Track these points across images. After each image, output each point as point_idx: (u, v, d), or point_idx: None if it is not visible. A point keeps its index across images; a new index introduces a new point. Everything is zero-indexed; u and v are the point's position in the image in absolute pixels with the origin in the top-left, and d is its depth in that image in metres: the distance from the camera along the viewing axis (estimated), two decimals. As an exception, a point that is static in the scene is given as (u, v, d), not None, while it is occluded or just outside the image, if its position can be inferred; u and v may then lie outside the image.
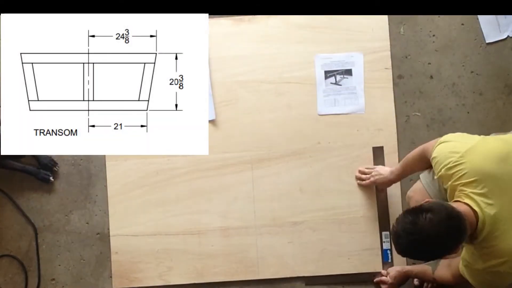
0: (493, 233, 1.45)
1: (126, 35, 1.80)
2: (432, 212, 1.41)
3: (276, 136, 2.13)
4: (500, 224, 1.44)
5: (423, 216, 1.40)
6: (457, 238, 1.43)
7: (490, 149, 1.53)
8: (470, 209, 1.45)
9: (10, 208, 2.15)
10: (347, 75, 2.11)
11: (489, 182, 1.46)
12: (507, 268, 1.48)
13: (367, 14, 1.84)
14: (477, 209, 1.45)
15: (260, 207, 2.10)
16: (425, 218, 1.40)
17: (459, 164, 1.51)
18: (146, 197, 2.12)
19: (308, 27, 2.16)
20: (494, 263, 1.48)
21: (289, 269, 2.08)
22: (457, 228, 1.41)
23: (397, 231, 1.45)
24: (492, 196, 1.45)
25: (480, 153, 1.51)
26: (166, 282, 2.10)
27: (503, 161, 1.49)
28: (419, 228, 1.40)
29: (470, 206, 1.45)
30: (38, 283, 2.13)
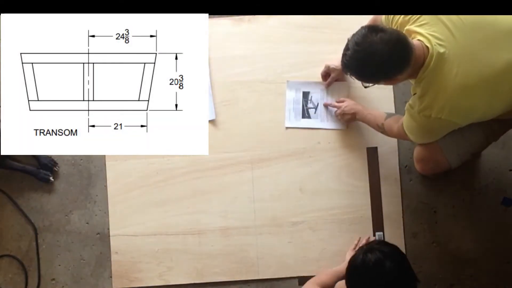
0: (436, 70, 1.49)
1: (126, 35, 1.80)
2: (385, 32, 1.47)
3: (276, 136, 2.13)
4: (446, 64, 1.48)
5: (376, 34, 1.46)
6: (398, 62, 1.48)
7: None
8: (421, 45, 1.50)
9: (10, 208, 2.15)
10: None
11: (441, 26, 1.50)
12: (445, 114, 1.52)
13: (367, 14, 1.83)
14: (429, 45, 1.49)
15: (260, 207, 2.10)
16: (376, 35, 1.46)
17: None
18: (146, 197, 2.12)
19: (308, 27, 2.16)
20: (430, 101, 1.53)
21: (289, 269, 2.08)
22: (402, 52, 1.46)
23: (348, 43, 1.51)
24: (443, 38, 1.49)
25: None
26: (166, 282, 2.10)
27: None
28: (368, 42, 1.46)
29: (422, 43, 1.50)
30: (38, 283, 2.13)
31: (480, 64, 1.49)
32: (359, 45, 1.47)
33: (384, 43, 1.44)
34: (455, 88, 1.49)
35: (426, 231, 2.08)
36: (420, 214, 2.09)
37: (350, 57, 1.50)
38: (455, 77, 1.48)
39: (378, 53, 1.44)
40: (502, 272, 2.06)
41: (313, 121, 2.12)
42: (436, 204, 2.09)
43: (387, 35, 1.46)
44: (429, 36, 1.50)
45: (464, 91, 1.49)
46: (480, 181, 2.08)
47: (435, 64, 1.48)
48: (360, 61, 1.49)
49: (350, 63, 1.52)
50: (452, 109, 1.52)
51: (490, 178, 2.08)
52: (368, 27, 1.50)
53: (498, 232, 2.07)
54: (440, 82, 1.50)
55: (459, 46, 1.49)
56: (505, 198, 2.06)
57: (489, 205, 2.08)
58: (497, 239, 2.07)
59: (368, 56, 1.46)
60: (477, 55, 1.49)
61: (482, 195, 2.08)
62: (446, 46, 1.48)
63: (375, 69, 1.49)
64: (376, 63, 1.46)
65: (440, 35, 1.49)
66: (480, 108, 1.55)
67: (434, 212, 2.09)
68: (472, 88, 1.49)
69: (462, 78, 1.48)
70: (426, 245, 2.08)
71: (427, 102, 1.54)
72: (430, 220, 2.08)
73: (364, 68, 1.50)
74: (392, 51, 1.45)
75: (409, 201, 2.10)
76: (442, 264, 2.07)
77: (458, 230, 2.08)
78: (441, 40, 1.49)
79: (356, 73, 1.55)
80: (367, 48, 1.46)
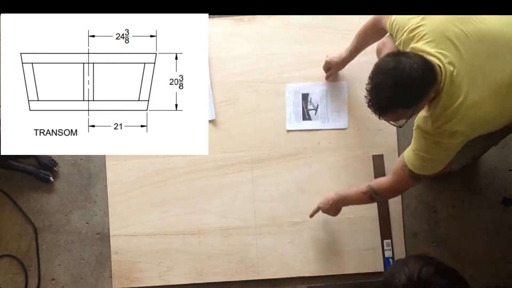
0: (449, 90, 1.47)
1: (126, 35, 1.80)
2: (409, 56, 1.42)
3: (276, 136, 2.13)
4: (456, 83, 1.47)
5: (403, 57, 1.41)
6: (431, 81, 1.44)
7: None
8: (436, 64, 1.47)
9: (10, 208, 2.15)
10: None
11: (447, 43, 1.48)
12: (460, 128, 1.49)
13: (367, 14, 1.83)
14: (440, 64, 1.46)
15: (260, 207, 2.10)
16: (406, 58, 1.41)
17: (420, 25, 1.53)
18: (146, 197, 2.12)
19: (308, 27, 2.16)
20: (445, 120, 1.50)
21: (289, 269, 2.08)
22: (431, 72, 1.43)
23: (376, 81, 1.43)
24: (451, 56, 1.47)
25: (439, 16, 1.53)
26: (166, 282, 2.10)
27: (463, 23, 1.50)
28: (401, 63, 1.39)
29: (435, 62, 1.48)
30: (38, 283, 2.13)
31: (489, 78, 1.48)
32: (395, 69, 1.40)
33: (415, 65, 1.39)
34: (467, 105, 1.47)
35: (426, 231, 2.08)
36: (420, 214, 2.09)
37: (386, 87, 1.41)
38: (466, 95, 1.46)
39: (413, 76, 1.38)
40: (502, 272, 2.06)
41: (314, 123, 2.12)
42: (436, 204, 2.09)
43: (413, 58, 1.41)
44: (439, 55, 1.47)
45: (476, 106, 1.48)
46: (480, 181, 2.08)
47: (448, 84, 1.47)
48: (393, 82, 1.40)
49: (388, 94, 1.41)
50: (466, 124, 1.50)
51: (490, 178, 2.08)
52: (391, 55, 1.45)
53: (498, 232, 2.07)
54: (452, 101, 1.47)
55: (467, 63, 1.47)
56: (505, 198, 2.06)
57: (489, 205, 2.08)
58: (497, 239, 2.07)
59: (404, 82, 1.39)
60: (484, 70, 1.48)
61: (482, 195, 2.08)
62: (455, 64, 1.47)
63: (414, 94, 1.42)
64: (412, 89, 1.40)
65: (448, 53, 1.47)
66: (492, 120, 1.55)
67: (434, 212, 2.09)
68: (483, 103, 1.48)
69: (473, 94, 1.47)
70: (426, 245, 2.08)
71: (442, 121, 1.50)
72: (430, 220, 2.08)
73: (398, 88, 1.40)
74: (424, 72, 1.40)
75: (409, 201, 2.10)
76: (442, 264, 2.07)
77: (458, 230, 2.08)
78: (449, 58, 1.47)
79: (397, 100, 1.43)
80: (403, 73, 1.39)
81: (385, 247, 2.06)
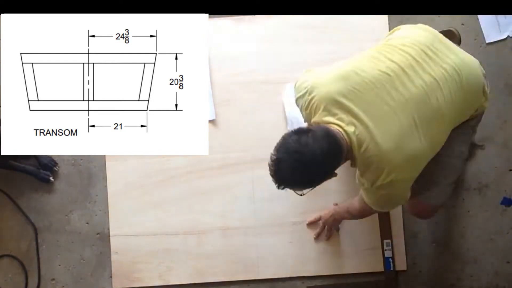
0: (359, 148, 1.45)
1: (126, 35, 1.80)
2: (312, 131, 1.41)
3: (276, 136, 2.12)
4: (362, 138, 1.44)
5: (306, 135, 1.40)
6: (337, 154, 1.43)
7: (330, 73, 1.53)
8: (338, 130, 1.45)
9: (10, 208, 2.15)
10: None
11: (339, 105, 1.47)
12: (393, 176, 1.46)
13: (367, 14, 1.84)
14: (341, 130, 1.45)
15: (260, 207, 2.10)
16: (307, 136, 1.39)
17: (311, 99, 1.52)
18: (146, 197, 2.12)
19: (308, 27, 2.16)
20: (372, 175, 1.49)
21: (289, 269, 2.08)
22: (336, 143, 1.41)
23: (279, 156, 1.41)
24: (346, 117, 1.45)
25: (322, 82, 1.52)
26: (166, 282, 2.10)
27: (344, 79, 1.49)
28: (304, 145, 1.38)
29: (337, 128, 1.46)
30: (38, 283, 2.13)
31: (392, 116, 1.45)
32: (297, 152, 1.38)
33: (319, 141, 1.38)
34: (384, 153, 1.44)
35: (426, 231, 2.08)
36: (420, 214, 2.09)
37: (288, 168, 1.39)
38: (378, 145, 1.44)
39: (317, 153, 1.37)
40: (502, 272, 2.06)
41: None
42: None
43: (317, 132, 1.40)
44: (337, 121, 1.46)
45: (395, 150, 1.45)
46: (480, 181, 2.08)
47: (356, 143, 1.44)
48: (300, 170, 1.39)
49: (289, 175, 1.41)
50: (396, 169, 1.47)
51: (490, 178, 2.08)
52: (295, 132, 1.43)
53: (498, 232, 2.07)
54: (369, 158, 1.45)
55: (364, 115, 1.45)
56: (505, 198, 2.06)
57: (489, 205, 2.08)
58: (497, 239, 2.07)
59: (308, 161, 1.38)
60: (383, 111, 1.45)
61: (482, 195, 2.08)
62: (354, 122, 1.45)
63: (320, 171, 1.43)
64: (319, 166, 1.40)
65: (343, 115, 1.46)
66: (420, 153, 1.49)
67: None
68: (398, 145, 1.45)
69: (384, 140, 1.44)
70: (426, 245, 2.08)
71: (371, 176, 1.49)
72: (430, 220, 2.08)
73: (307, 175, 1.41)
74: (329, 146, 1.39)
75: (409, 201, 2.09)
76: (442, 264, 2.07)
77: (458, 230, 2.08)
78: (346, 119, 1.45)
79: (296, 184, 1.46)
80: (306, 153, 1.37)
81: (385, 247, 2.06)
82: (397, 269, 2.06)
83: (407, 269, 2.07)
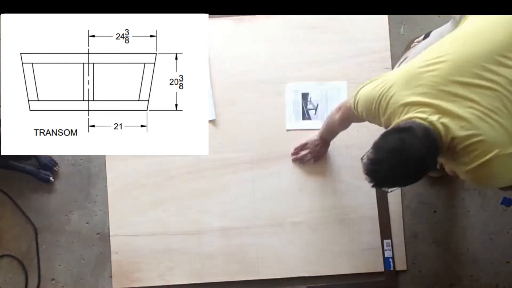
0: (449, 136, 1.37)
1: (126, 35, 1.80)
2: (412, 129, 1.34)
3: (276, 136, 2.13)
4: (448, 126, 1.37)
5: (408, 133, 1.33)
6: (437, 149, 1.35)
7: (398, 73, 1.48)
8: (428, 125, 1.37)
9: (10, 208, 2.15)
10: None
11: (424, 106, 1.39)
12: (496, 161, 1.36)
13: (367, 14, 1.84)
14: (426, 122, 1.37)
15: (260, 207, 2.10)
16: (409, 134, 1.33)
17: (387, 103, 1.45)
18: (146, 197, 2.13)
19: (308, 27, 2.16)
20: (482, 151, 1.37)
21: (289, 269, 2.08)
22: (435, 139, 1.35)
23: (380, 156, 1.36)
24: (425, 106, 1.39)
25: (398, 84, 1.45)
26: (166, 282, 2.10)
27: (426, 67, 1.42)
28: (408, 145, 1.32)
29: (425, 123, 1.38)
30: (38, 283, 2.13)
31: None
32: (401, 151, 1.32)
33: (421, 138, 1.32)
34: None
35: (426, 231, 2.08)
36: (420, 214, 2.09)
37: (391, 169, 1.35)
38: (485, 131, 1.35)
39: (422, 151, 1.32)
40: (502, 272, 2.06)
41: (313, 122, 2.12)
42: (436, 204, 2.09)
43: (416, 130, 1.33)
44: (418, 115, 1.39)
45: None
46: (480, 181, 2.08)
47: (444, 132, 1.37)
48: (405, 170, 1.35)
49: (390, 175, 1.36)
50: None
51: (490, 178, 2.08)
52: (394, 131, 1.38)
53: (498, 232, 2.07)
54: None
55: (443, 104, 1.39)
56: (505, 198, 2.06)
57: (489, 205, 2.08)
58: (497, 239, 2.07)
59: (413, 160, 1.33)
60: None
61: (482, 195, 2.08)
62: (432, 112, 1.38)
63: (426, 168, 1.37)
64: (424, 163, 1.35)
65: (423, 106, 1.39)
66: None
67: (434, 212, 2.09)
68: None
69: None
70: (426, 245, 2.08)
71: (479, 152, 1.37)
72: (430, 220, 2.08)
73: (411, 174, 1.37)
74: (430, 141, 1.33)
75: (409, 201, 2.10)
76: (442, 264, 2.07)
77: (458, 230, 2.08)
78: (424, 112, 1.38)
79: (398, 181, 1.42)
80: (410, 151, 1.32)
81: (385, 247, 2.06)
82: (397, 269, 2.06)
83: (407, 269, 2.07)
